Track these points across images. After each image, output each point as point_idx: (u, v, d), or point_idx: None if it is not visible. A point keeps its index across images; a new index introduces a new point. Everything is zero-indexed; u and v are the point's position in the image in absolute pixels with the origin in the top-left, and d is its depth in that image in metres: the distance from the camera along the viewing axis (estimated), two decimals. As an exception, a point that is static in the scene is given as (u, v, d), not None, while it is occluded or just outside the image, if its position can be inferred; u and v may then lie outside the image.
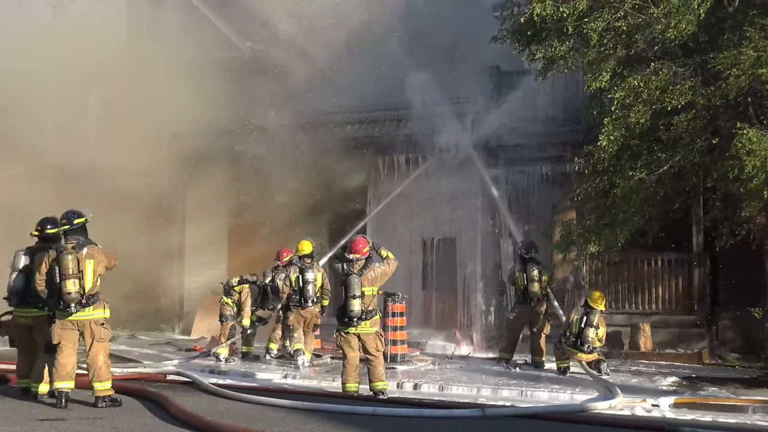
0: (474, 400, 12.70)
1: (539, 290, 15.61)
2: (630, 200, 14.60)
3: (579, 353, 14.72)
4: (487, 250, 19.42)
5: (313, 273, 15.79)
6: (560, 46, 14.46)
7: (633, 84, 13.80)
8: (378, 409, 10.74)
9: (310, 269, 15.79)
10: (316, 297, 15.77)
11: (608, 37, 14.12)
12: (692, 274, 18.01)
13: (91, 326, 10.64)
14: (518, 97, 19.36)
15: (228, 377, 14.60)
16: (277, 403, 10.93)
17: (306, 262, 15.89)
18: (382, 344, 12.24)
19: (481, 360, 17.06)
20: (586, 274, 18.57)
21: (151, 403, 10.76)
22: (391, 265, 12.24)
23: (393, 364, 15.50)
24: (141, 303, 21.20)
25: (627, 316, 18.13)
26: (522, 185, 19.23)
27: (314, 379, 14.54)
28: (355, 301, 11.83)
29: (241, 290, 16.80)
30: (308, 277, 15.70)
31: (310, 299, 15.69)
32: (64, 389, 10.50)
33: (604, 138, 14.12)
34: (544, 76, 15.69)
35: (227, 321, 16.74)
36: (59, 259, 10.52)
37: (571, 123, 18.55)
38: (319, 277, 15.91)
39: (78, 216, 10.88)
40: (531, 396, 13.01)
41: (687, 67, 13.92)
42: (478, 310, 19.27)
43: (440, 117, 20.08)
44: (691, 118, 13.87)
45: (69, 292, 10.44)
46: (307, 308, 15.73)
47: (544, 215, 18.87)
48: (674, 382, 14.05)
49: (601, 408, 11.58)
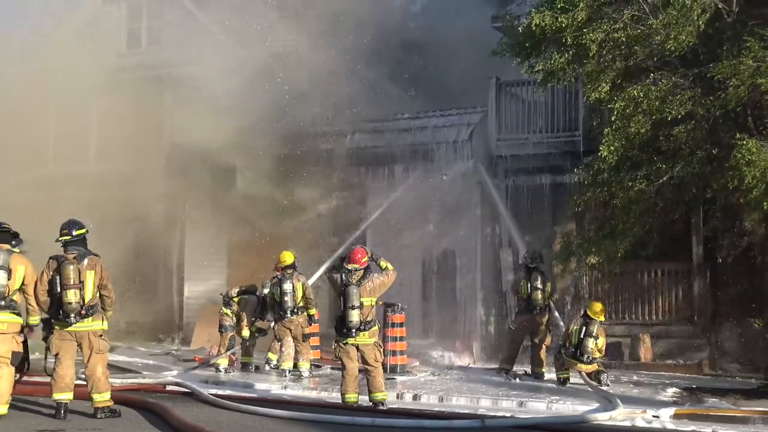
0: (474, 410, 12.65)
1: (542, 299, 15.62)
2: (630, 211, 14.58)
3: (579, 364, 14.69)
4: (487, 261, 19.41)
5: (291, 283, 15.72)
6: (559, 59, 14.47)
7: (633, 94, 13.79)
8: (377, 420, 10.74)
9: (288, 279, 15.72)
10: (296, 307, 15.75)
11: (607, 48, 14.12)
12: (692, 285, 17.98)
13: (90, 338, 10.64)
14: (517, 107, 19.39)
15: (227, 388, 14.56)
16: (277, 414, 10.93)
17: (286, 273, 15.86)
18: (381, 355, 12.21)
19: (481, 370, 17.02)
20: (585, 284, 18.55)
21: (150, 414, 10.76)
22: (390, 275, 12.18)
23: (393, 374, 15.47)
24: (140, 313, 21.16)
25: (627, 327, 18.10)
26: (521, 196, 19.22)
27: (314, 389, 14.51)
28: (354, 312, 11.79)
29: (240, 301, 16.79)
30: (285, 288, 15.64)
31: (288, 310, 15.63)
32: (63, 400, 10.50)
33: (605, 148, 14.11)
34: (543, 87, 15.72)
35: (227, 331, 16.72)
36: (60, 268, 10.53)
37: (571, 133, 18.56)
38: (299, 287, 15.84)
39: (79, 227, 10.89)
40: (531, 407, 12.98)
41: (686, 78, 13.91)
42: (478, 320, 19.23)
43: (439, 127, 20.12)
44: (691, 129, 13.86)
45: (69, 302, 10.44)
46: (289, 319, 15.71)
47: (543, 226, 18.88)
48: (675, 393, 14.03)
49: (602, 419, 11.56)
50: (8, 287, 10.45)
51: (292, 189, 20.39)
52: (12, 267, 10.48)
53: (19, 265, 10.55)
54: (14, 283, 10.51)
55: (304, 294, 15.88)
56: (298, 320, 15.77)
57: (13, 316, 10.51)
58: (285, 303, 15.64)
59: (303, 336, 15.92)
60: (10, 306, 10.49)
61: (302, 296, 15.85)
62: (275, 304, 15.89)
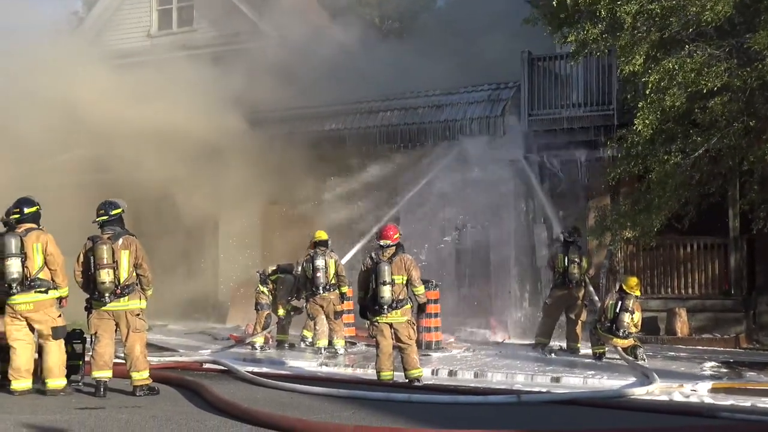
0: (509, 386, 12.65)
1: (578, 273, 15.58)
2: (665, 184, 14.46)
3: (614, 338, 14.63)
4: (521, 237, 19.33)
5: (324, 260, 15.79)
6: (593, 29, 14.34)
7: (668, 67, 13.64)
8: (413, 395, 10.77)
9: (321, 256, 15.80)
10: (328, 284, 15.80)
11: (641, 19, 13.97)
12: (729, 258, 17.81)
13: (127, 317, 10.72)
14: (550, 81, 19.23)
15: (263, 365, 14.65)
16: (313, 390, 10.97)
17: (319, 250, 15.92)
18: (414, 332, 12.25)
19: (515, 346, 17.01)
20: (620, 259, 18.43)
21: (188, 392, 10.84)
22: (417, 287, 12.22)
23: (428, 351, 15.52)
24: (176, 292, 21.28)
25: (663, 301, 17.97)
26: (555, 170, 19.09)
27: (349, 366, 14.57)
28: (385, 288, 11.82)
29: (277, 279, 16.86)
30: (318, 264, 15.73)
31: (320, 286, 15.72)
32: (103, 378, 10.61)
33: (639, 122, 13.99)
34: (576, 59, 15.58)
35: (263, 310, 16.79)
36: (94, 249, 10.62)
37: (604, 107, 18.40)
38: (331, 264, 15.91)
39: (115, 206, 10.94)
40: (566, 382, 12.96)
41: (722, 49, 13.73)
42: (513, 296, 19.18)
43: (472, 103, 20.01)
44: (727, 101, 13.71)
45: (103, 282, 10.53)
46: (321, 296, 15.77)
47: (577, 201, 18.75)
48: (712, 367, 13.91)
49: (639, 394, 11.50)
50: (28, 270, 10.53)
51: (323, 168, 20.38)
52: (27, 248, 10.53)
53: (35, 243, 10.59)
54: (34, 264, 10.58)
55: (336, 271, 15.95)
56: (330, 297, 15.85)
57: (38, 294, 10.59)
58: (317, 279, 15.71)
59: (335, 313, 15.99)
60: (34, 286, 10.58)
61: (334, 273, 15.91)
62: (307, 280, 15.97)
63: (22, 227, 10.69)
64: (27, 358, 10.67)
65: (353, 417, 9.33)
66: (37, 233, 10.68)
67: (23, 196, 10.99)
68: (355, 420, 9.13)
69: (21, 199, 10.91)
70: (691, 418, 9.67)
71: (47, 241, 10.67)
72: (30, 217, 10.80)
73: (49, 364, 10.62)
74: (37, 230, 10.74)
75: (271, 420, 8.65)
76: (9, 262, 10.44)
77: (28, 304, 10.58)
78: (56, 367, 10.64)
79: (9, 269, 10.44)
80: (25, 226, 10.71)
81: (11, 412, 9.44)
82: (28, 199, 10.95)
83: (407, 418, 9.43)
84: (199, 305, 22.60)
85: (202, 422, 8.91)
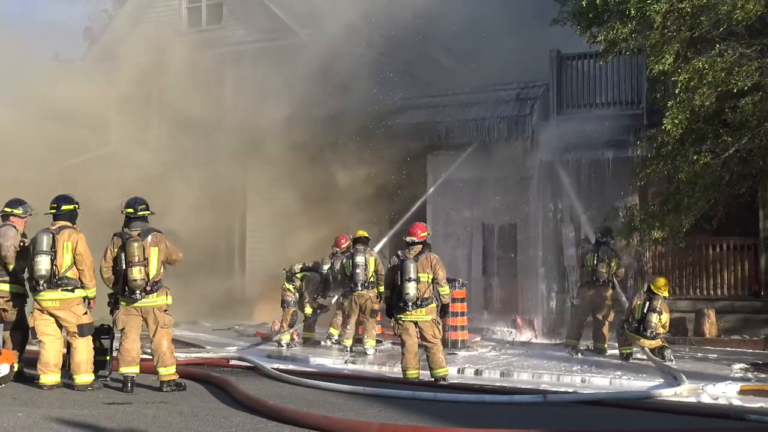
0: (536, 386, 12.62)
1: (607, 273, 15.52)
2: (695, 185, 14.35)
3: (642, 339, 14.55)
4: (548, 236, 19.26)
5: (363, 257, 15.80)
6: (622, 29, 14.25)
7: (697, 66, 13.53)
8: (439, 394, 10.77)
9: (361, 253, 15.82)
10: (368, 281, 15.81)
11: (671, 18, 13.86)
12: (759, 259, 17.65)
13: (155, 312, 10.80)
14: (579, 81, 19.13)
15: (289, 362, 14.71)
16: (339, 388, 11.01)
17: (359, 247, 15.94)
18: (439, 331, 12.26)
19: (542, 346, 16.97)
20: (649, 259, 18.31)
21: (214, 388, 10.91)
22: (443, 287, 12.25)
23: (454, 349, 15.51)
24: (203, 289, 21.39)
25: (691, 302, 17.83)
26: (583, 170, 18.97)
27: (375, 364, 14.58)
28: (410, 285, 11.83)
29: (303, 277, 16.90)
30: (358, 261, 15.74)
31: (360, 283, 15.71)
32: (130, 374, 10.69)
33: (669, 121, 13.88)
34: (605, 58, 15.49)
35: (289, 307, 16.85)
36: (126, 246, 10.67)
37: (634, 106, 18.28)
38: (371, 261, 15.92)
39: (142, 204, 11.02)
40: (593, 382, 12.90)
41: (753, 48, 13.60)
42: (539, 295, 19.12)
43: (500, 102, 19.95)
44: (758, 101, 13.57)
45: (135, 279, 10.60)
46: (359, 293, 15.78)
47: (605, 201, 18.64)
48: (740, 368, 13.78)
49: (667, 395, 11.43)
50: (56, 268, 10.64)
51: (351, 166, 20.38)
52: (58, 246, 10.64)
53: (66, 241, 10.70)
54: (63, 262, 10.69)
55: (375, 269, 15.95)
56: (368, 294, 15.84)
57: (64, 292, 10.72)
58: (356, 276, 15.71)
59: (372, 312, 16.00)
60: (61, 284, 10.69)
61: (373, 271, 15.92)
62: (345, 277, 15.97)
63: (56, 224, 10.82)
64: (55, 352, 10.80)
65: (378, 415, 9.34)
66: (69, 231, 10.79)
67: (63, 194, 11.14)
68: (381, 418, 9.13)
69: (60, 196, 11.09)
70: (719, 420, 9.63)
71: (78, 240, 10.78)
72: (66, 215, 10.94)
73: (77, 359, 10.72)
74: (70, 229, 10.85)
75: (297, 417, 8.68)
76: (38, 258, 10.58)
77: (54, 302, 10.71)
78: (84, 362, 10.74)
79: (38, 266, 10.57)
80: (60, 223, 10.84)
81: (40, 406, 9.54)
82: (66, 197, 11.11)
83: (433, 416, 9.44)
84: (226, 302, 22.69)
85: (228, 418, 8.96)
